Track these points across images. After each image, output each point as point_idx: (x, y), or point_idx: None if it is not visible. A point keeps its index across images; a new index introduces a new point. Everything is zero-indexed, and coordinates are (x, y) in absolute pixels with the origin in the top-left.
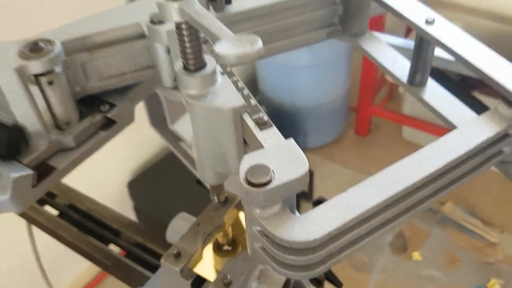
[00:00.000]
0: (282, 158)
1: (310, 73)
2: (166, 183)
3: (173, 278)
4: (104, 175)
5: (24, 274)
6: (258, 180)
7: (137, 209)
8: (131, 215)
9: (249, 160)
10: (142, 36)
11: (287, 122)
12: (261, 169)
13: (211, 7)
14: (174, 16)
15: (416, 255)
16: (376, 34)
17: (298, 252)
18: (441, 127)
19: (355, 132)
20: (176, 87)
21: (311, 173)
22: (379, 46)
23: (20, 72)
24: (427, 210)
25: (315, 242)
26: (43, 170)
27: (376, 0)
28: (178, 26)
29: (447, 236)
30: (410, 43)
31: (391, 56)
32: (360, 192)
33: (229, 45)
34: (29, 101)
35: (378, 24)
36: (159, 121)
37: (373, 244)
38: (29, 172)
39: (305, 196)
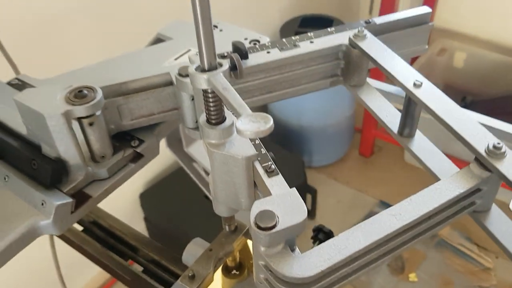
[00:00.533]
0: (285, 205)
1: (317, 95)
2: (175, 196)
3: None
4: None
5: (41, 278)
6: (265, 224)
7: (147, 219)
8: (141, 225)
9: (259, 206)
10: (170, 83)
11: (293, 140)
12: (268, 214)
13: (232, 74)
14: (202, 84)
15: (413, 276)
16: (374, 83)
17: (295, 286)
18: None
19: (359, 152)
20: (196, 128)
21: (314, 191)
22: (374, 98)
23: (67, 115)
24: None
25: (309, 279)
26: (80, 198)
27: (372, 61)
28: (205, 91)
29: (443, 259)
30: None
31: (384, 107)
32: (348, 237)
33: (247, 121)
34: (72, 140)
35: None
36: (174, 143)
37: None
38: (69, 200)
39: (308, 213)
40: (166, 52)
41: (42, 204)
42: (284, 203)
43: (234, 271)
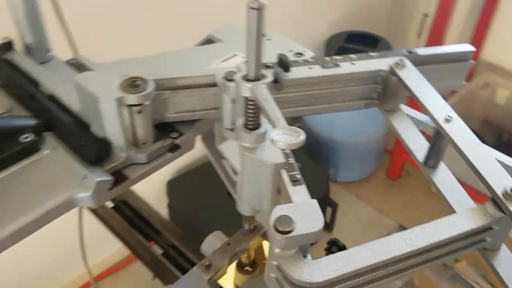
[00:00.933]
0: (304, 214)
1: (353, 112)
2: (201, 188)
3: (200, 284)
4: None
5: (63, 245)
6: (282, 228)
7: (170, 206)
8: (164, 211)
9: (280, 210)
10: (215, 84)
11: (322, 152)
12: (286, 219)
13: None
14: (245, 92)
15: None
16: (407, 110)
17: None
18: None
19: (386, 174)
20: (232, 129)
21: (335, 205)
22: (405, 125)
23: (119, 101)
24: (441, 264)
25: (316, 285)
26: (118, 177)
27: (408, 91)
28: (247, 98)
29: None
30: None
31: (413, 136)
32: (358, 252)
33: (281, 133)
34: (121, 124)
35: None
36: (208, 138)
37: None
38: (109, 178)
39: (326, 226)
40: (214, 53)
41: (84, 178)
42: (303, 211)
43: (247, 268)
